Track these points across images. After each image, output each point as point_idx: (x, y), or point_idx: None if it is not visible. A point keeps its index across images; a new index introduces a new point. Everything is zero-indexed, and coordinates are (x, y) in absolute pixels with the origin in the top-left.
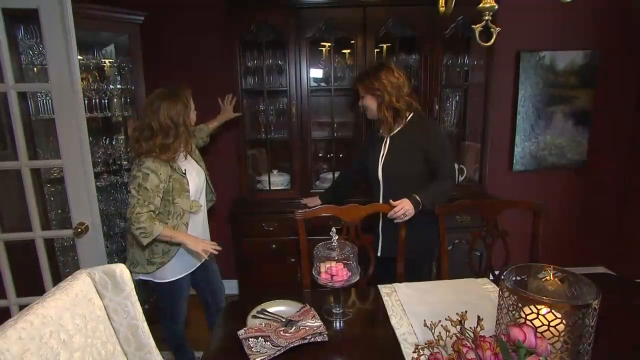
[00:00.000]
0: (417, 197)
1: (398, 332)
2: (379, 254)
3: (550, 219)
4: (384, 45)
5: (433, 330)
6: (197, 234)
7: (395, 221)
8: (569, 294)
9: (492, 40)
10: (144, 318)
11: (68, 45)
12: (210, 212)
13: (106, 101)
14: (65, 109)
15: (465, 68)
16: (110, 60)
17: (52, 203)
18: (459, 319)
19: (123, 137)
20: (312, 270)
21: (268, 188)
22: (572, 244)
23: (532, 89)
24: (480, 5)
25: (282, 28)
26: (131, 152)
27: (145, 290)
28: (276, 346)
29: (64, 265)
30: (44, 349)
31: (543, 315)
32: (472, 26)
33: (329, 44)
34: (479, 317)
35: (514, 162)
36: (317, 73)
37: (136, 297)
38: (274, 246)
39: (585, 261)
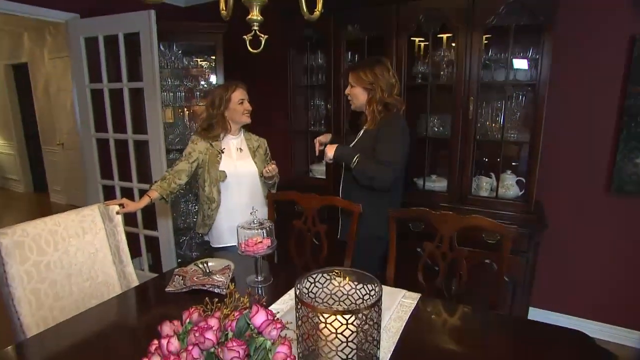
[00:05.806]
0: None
1: (273, 307)
2: (338, 236)
3: None
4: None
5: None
6: (235, 201)
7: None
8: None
9: (261, 48)
10: (125, 241)
11: (153, 56)
12: None
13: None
14: (150, 100)
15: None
16: (203, 62)
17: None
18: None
19: None
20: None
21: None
22: None
23: None
24: (249, 16)
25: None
26: None
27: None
28: (183, 285)
29: None
30: (50, 234)
31: (330, 324)
32: (244, 36)
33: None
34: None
35: (614, 182)
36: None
37: (122, 227)
38: None
39: None
